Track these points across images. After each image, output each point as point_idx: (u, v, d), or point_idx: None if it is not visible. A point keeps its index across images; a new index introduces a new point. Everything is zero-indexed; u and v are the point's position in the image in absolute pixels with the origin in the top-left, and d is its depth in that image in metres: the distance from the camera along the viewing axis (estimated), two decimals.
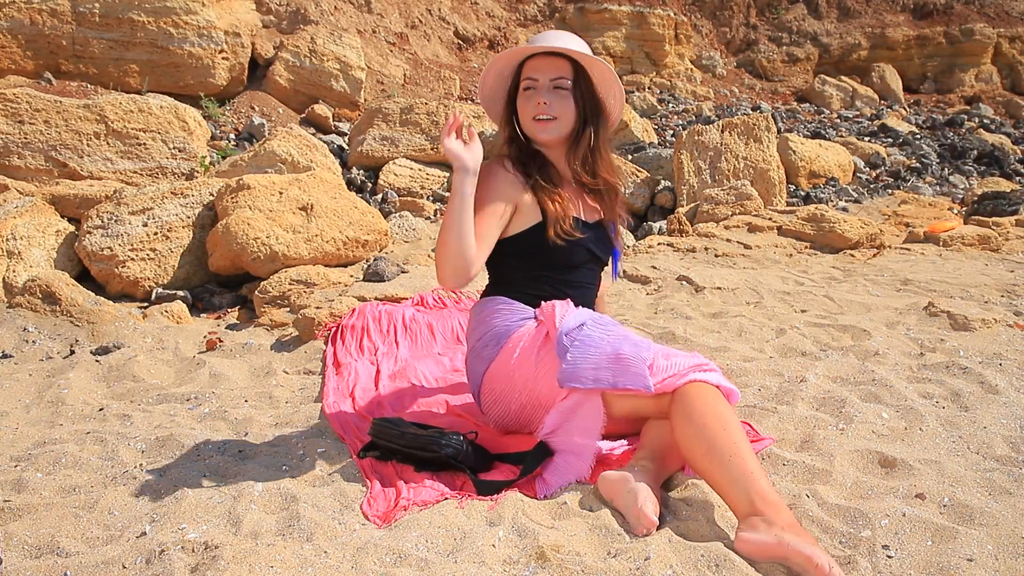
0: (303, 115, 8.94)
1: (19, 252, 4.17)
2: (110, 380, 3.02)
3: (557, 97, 2.13)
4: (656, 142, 9.10)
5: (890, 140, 10.11)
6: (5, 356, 3.29)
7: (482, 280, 2.45)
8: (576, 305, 2.15)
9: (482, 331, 2.21)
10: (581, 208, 2.27)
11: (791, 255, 4.92)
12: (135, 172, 5.74)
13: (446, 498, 1.89)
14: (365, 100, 9.61)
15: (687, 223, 5.55)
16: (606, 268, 2.39)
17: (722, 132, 6.69)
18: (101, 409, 2.70)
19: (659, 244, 5.13)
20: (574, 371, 1.95)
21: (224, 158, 6.39)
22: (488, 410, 2.25)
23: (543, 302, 2.15)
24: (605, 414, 1.96)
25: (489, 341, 2.17)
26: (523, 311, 2.18)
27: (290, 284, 3.98)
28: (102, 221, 4.37)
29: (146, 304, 4.13)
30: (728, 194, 5.81)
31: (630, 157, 7.63)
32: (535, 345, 2.09)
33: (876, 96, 14.39)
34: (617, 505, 1.80)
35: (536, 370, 2.08)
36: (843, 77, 14.75)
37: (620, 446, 2.08)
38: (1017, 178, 8.29)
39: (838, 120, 12.36)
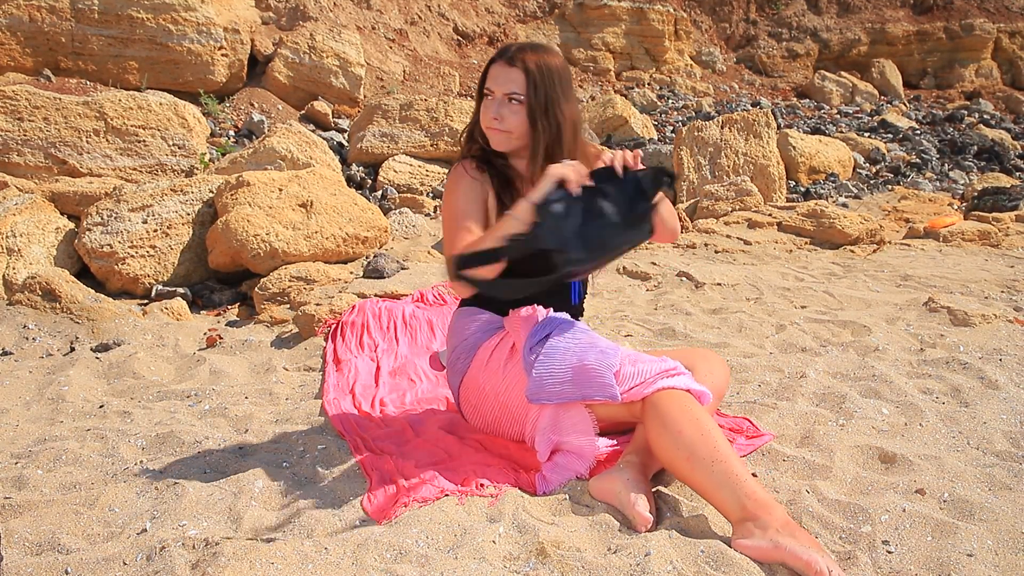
0: (303, 112, 8.93)
1: (19, 249, 4.16)
2: (110, 377, 3.02)
3: (509, 111, 2.07)
4: (656, 138, 9.10)
5: (890, 136, 10.11)
6: (5, 353, 3.29)
7: None
8: (547, 308, 2.11)
9: (455, 343, 2.21)
10: None
11: (791, 251, 4.92)
12: (135, 169, 5.73)
13: (446, 494, 1.89)
14: (365, 97, 9.60)
15: (687, 219, 5.55)
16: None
17: (722, 128, 6.69)
18: (101, 406, 2.70)
19: None
20: (540, 387, 1.94)
21: (224, 155, 6.39)
22: (470, 419, 2.26)
23: (511, 311, 2.13)
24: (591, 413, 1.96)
25: (461, 353, 2.18)
26: (493, 321, 2.17)
27: (290, 281, 3.98)
28: (102, 218, 4.37)
29: (146, 301, 4.13)
30: (728, 190, 5.80)
31: None
32: (502, 357, 2.09)
33: (876, 92, 14.37)
34: (612, 505, 1.81)
35: (504, 382, 2.08)
36: (843, 73, 14.73)
37: (609, 447, 2.08)
38: (1017, 173, 8.29)
39: (838, 116, 12.35)
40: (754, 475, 1.98)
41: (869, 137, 9.71)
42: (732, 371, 2.74)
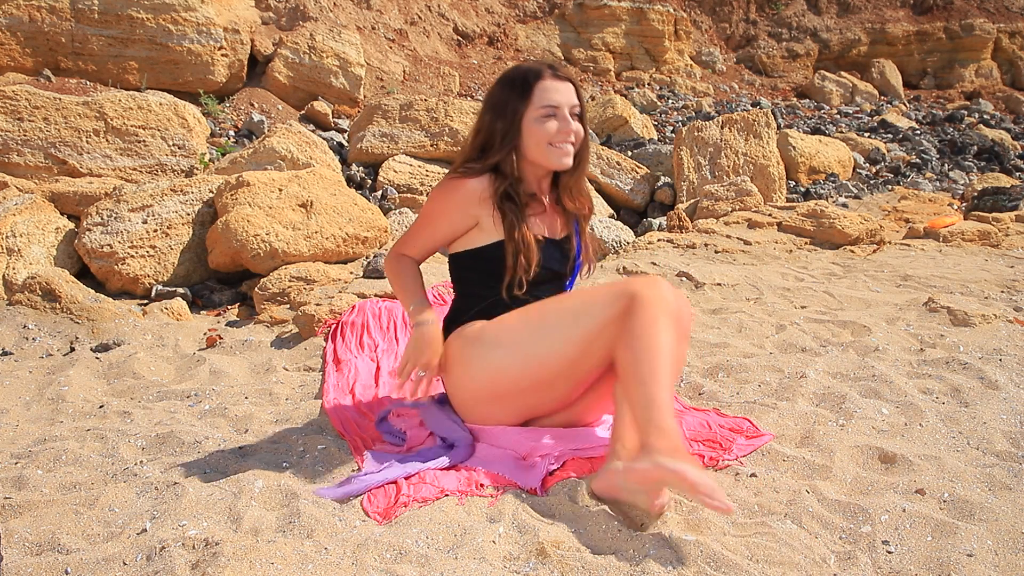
0: (302, 112, 8.93)
1: (19, 249, 4.16)
2: (110, 377, 3.02)
3: (576, 125, 2.12)
4: (656, 138, 9.10)
5: (890, 136, 10.11)
6: (5, 353, 3.29)
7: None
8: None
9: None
10: (547, 227, 2.23)
11: (791, 251, 4.92)
12: (134, 169, 5.73)
13: (446, 495, 1.89)
14: (364, 97, 9.60)
15: (687, 219, 5.55)
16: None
17: (722, 128, 6.68)
18: (101, 406, 2.70)
19: (659, 240, 5.13)
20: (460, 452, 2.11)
21: (223, 155, 6.39)
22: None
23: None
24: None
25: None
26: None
27: (290, 281, 3.98)
28: (102, 218, 4.37)
29: (146, 301, 4.13)
30: (728, 190, 5.80)
31: (630, 153, 7.63)
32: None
33: (876, 92, 14.38)
34: (622, 500, 1.78)
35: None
36: (843, 73, 14.73)
37: (596, 447, 2.09)
38: (1017, 173, 8.29)
39: (838, 116, 12.35)
40: (753, 475, 1.98)
41: (869, 137, 9.71)
42: (732, 371, 2.74)
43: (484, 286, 2.18)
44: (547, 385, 2.07)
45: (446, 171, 6.89)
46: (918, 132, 10.33)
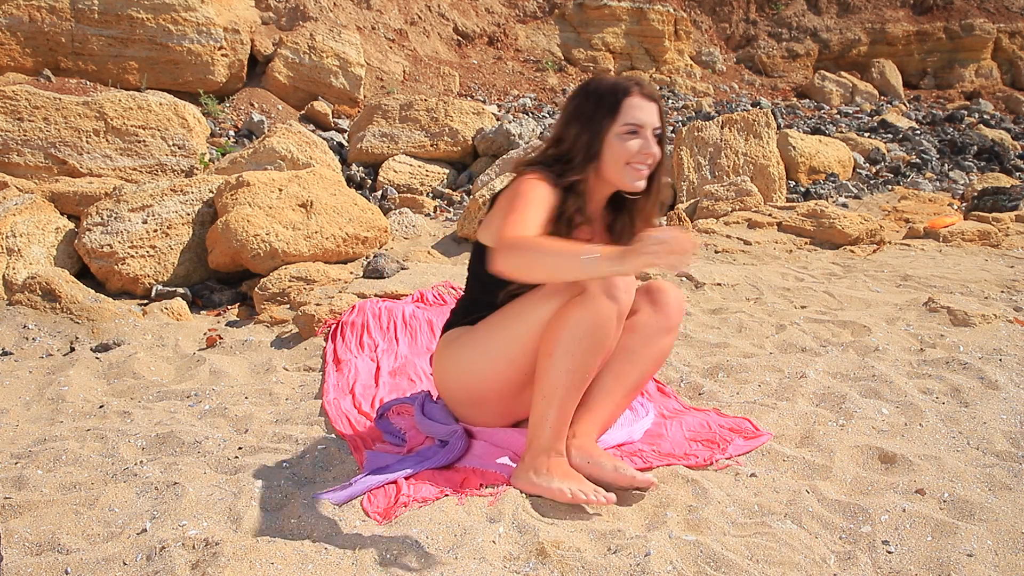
0: (302, 112, 8.93)
1: (19, 249, 4.16)
2: (110, 377, 3.02)
3: (656, 148, 2.00)
4: None
5: (890, 136, 10.10)
6: (5, 353, 3.29)
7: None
8: None
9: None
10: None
11: (791, 251, 4.92)
12: (134, 169, 5.73)
13: (446, 495, 1.89)
14: (364, 97, 9.60)
15: (687, 219, 5.54)
16: None
17: (722, 128, 6.68)
18: (101, 406, 2.70)
19: None
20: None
21: (223, 155, 6.39)
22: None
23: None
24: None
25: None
26: None
27: (290, 281, 3.98)
28: (102, 218, 4.37)
29: (146, 301, 4.13)
30: (728, 190, 5.80)
31: None
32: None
33: (876, 92, 14.37)
34: (598, 477, 1.92)
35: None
36: (843, 73, 14.72)
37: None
38: (1017, 174, 8.28)
39: (838, 116, 12.35)
40: (753, 475, 1.98)
41: (869, 137, 9.71)
42: (732, 371, 2.74)
43: (499, 292, 2.03)
44: (520, 385, 2.03)
45: (446, 171, 6.94)
46: (918, 132, 10.32)
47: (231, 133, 7.92)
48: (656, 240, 1.57)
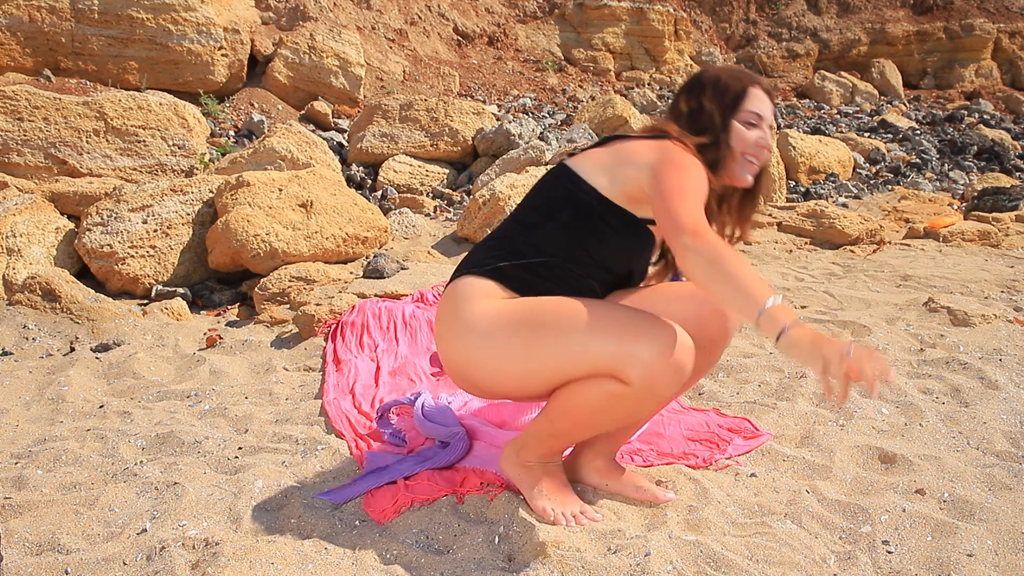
0: (302, 112, 8.93)
1: (19, 249, 4.16)
2: (110, 377, 3.02)
3: (771, 142, 1.95)
4: None
5: (890, 136, 10.10)
6: (5, 353, 3.29)
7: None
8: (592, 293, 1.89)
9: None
10: None
11: (791, 251, 4.92)
12: (134, 169, 5.73)
13: (445, 495, 1.89)
14: (364, 97, 9.60)
15: None
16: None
17: None
18: (101, 406, 2.70)
19: None
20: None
21: (223, 155, 6.38)
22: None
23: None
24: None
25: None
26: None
27: (290, 281, 3.98)
28: (102, 218, 4.37)
29: (146, 301, 4.13)
30: None
31: None
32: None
33: (876, 92, 14.37)
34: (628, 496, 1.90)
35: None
36: (843, 73, 14.72)
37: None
38: (1017, 173, 8.28)
39: (838, 116, 12.35)
40: (753, 475, 1.98)
41: (869, 137, 9.71)
42: (732, 371, 2.74)
43: (574, 247, 1.83)
44: (536, 397, 1.85)
45: (446, 171, 6.94)
46: (918, 132, 10.32)
47: (231, 133, 7.91)
48: (861, 356, 1.35)
